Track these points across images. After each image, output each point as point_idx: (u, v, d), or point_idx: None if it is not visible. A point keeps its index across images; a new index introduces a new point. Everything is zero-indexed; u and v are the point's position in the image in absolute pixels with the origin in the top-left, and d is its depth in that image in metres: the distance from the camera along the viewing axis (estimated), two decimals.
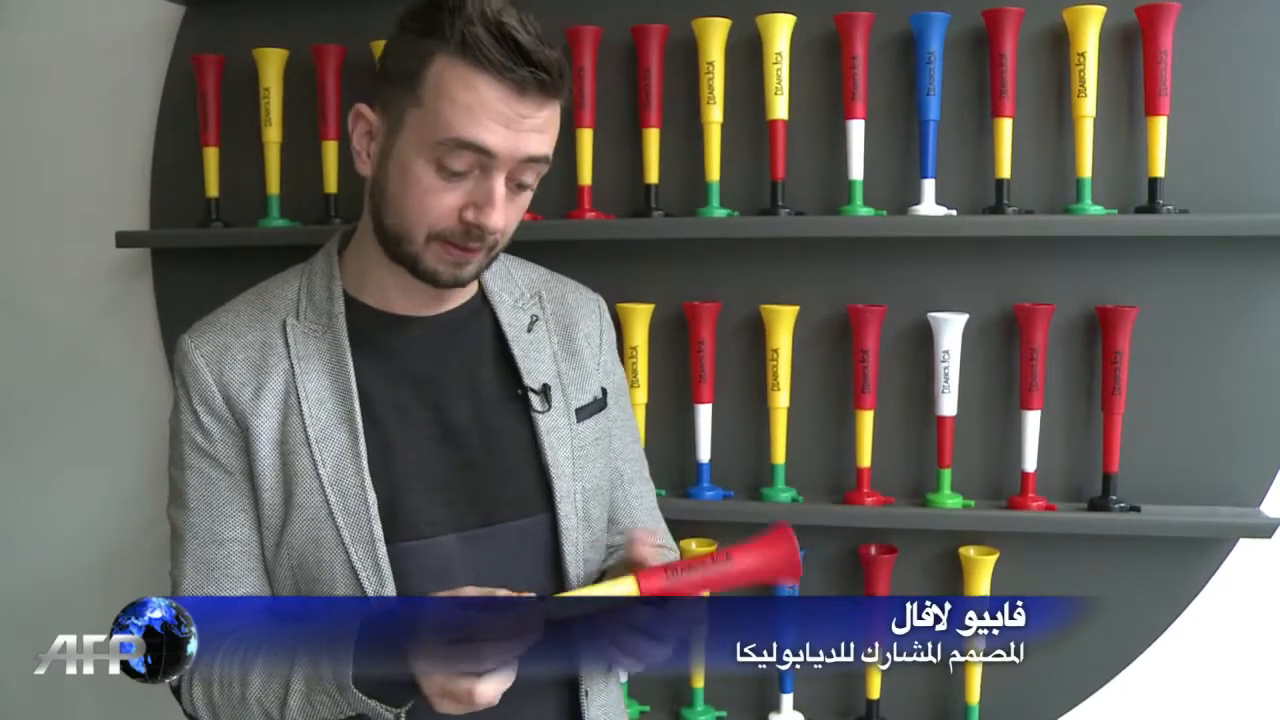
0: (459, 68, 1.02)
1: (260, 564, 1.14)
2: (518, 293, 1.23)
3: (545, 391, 1.17)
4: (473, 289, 1.21)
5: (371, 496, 1.09)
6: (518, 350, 1.18)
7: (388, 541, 1.09)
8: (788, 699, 1.70)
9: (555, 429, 1.17)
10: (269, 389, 1.12)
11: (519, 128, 1.03)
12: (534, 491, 1.15)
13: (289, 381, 1.12)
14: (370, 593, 1.09)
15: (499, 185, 1.04)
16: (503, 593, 0.98)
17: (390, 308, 1.16)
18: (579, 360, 1.22)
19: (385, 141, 1.08)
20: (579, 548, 1.16)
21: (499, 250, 1.13)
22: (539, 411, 1.16)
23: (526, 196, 1.10)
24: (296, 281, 1.18)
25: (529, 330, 1.20)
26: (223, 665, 1.09)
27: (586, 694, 1.19)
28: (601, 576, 1.20)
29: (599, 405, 1.23)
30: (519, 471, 1.16)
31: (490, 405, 1.16)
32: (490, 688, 0.95)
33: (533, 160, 1.05)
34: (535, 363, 1.19)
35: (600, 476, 1.22)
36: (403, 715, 1.01)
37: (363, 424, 1.11)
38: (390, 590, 1.08)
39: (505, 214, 1.06)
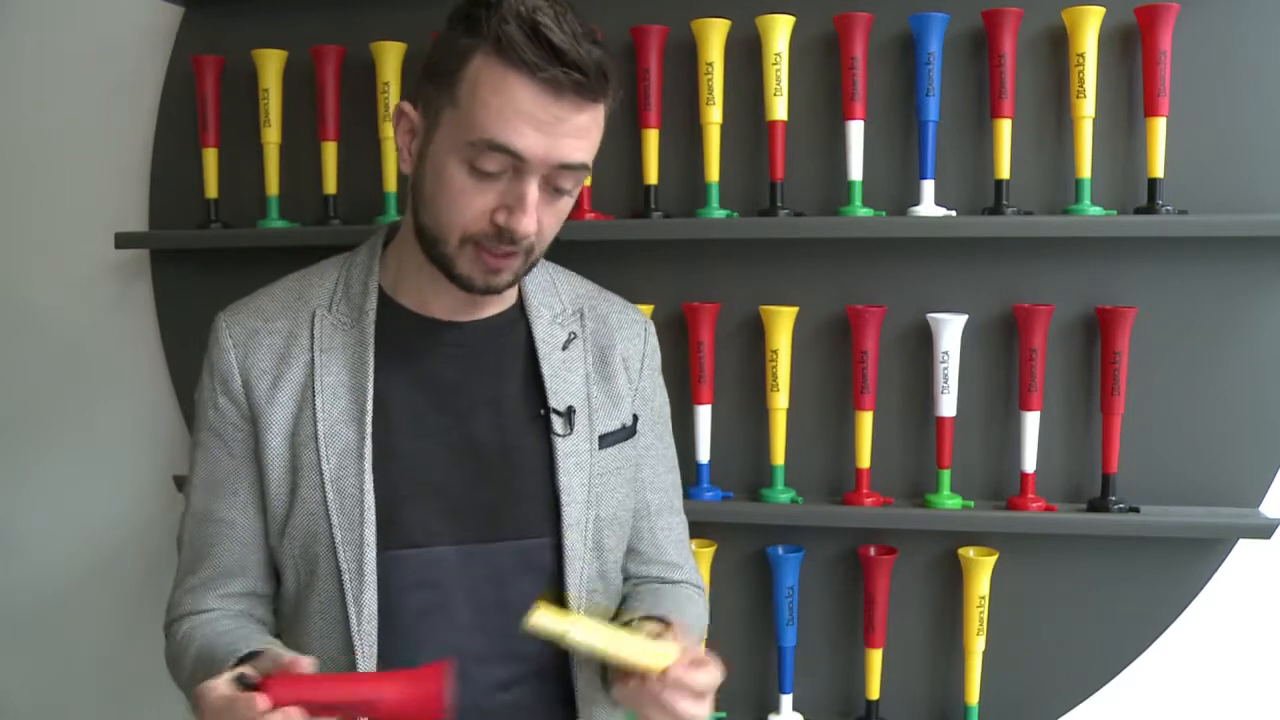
0: (493, 67, 0.99)
1: (245, 548, 1.14)
2: (559, 307, 1.20)
3: (569, 414, 1.15)
4: (512, 297, 1.18)
5: (369, 499, 1.09)
6: (547, 368, 1.15)
7: (383, 547, 1.09)
8: (787, 699, 1.70)
9: (574, 454, 1.14)
10: (287, 379, 1.12)
11: (553, 132, 1.00)
12: (542, 514, 1.13)
13: (309, 373, 1.11)
14: (349, 596, 1.08)
15: (531, 189, 1.02)
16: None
17: (425, 310, 1.14)
18: (612, 385, 1.19)
19: (424, 140, 1.06)
20: (583, 577, 1.14)
21: (537, 257, 1.10)
22: (559, 434, 1.14)
23: (566, 203, 1.07)
24: (337, 272, 1.17)
25: (564, 348, 1.17)
26: (182, 638, 1.13)
27: None
28: (617, 613, 1.18)
29: (627, 433, 1.20)
30: (530, 492, 1.13)
31: (511, 421, 1.14)
32: None
33: (568, 167, 1.02)
34: (564, 383, 1.16)
35: (620, 506, 1.19)
36: None
37: (374, 425, 1.10)
38: (369, 596, 1.08)
39: (538, 218, 1.03)
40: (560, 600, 1.13)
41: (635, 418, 1.22)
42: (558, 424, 1.14)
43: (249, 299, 1.18)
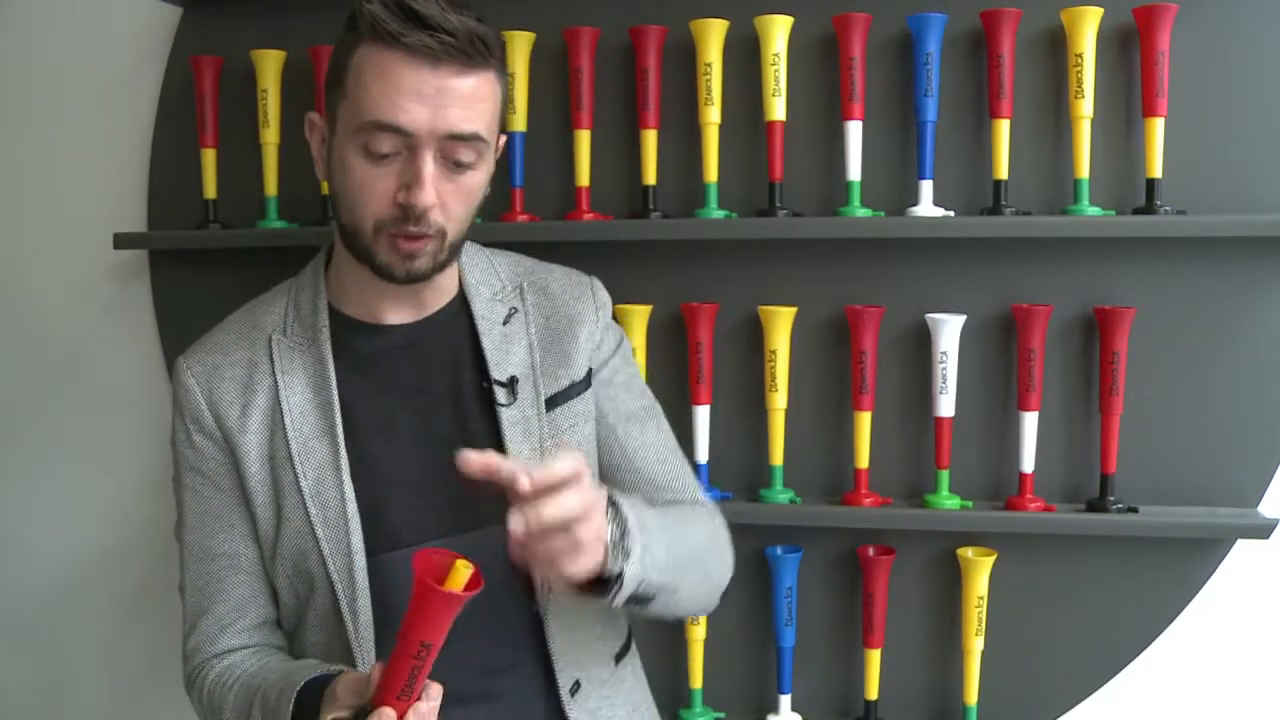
0: (371, 51, 1.02)
1: (251, 578, 1.16)
2: (498, 285, 1.21)
3: (511, 384, 1.16)
4: (453, 289, 1.20)
5: (352, 508, 1.10)
6: (488, 343, 1.17)
7: (372, 552, 1.10)
8: (786, 700, 1.70)
9: (520, 421, 1.15)
10: (255, 406, 1.14)
11: (436, 102, 1.01)
12: (502, 493, 1.15)
13: (274, 397, 1.13)
14: (344, 604, 1.10)
15: (426, 163, 1.03)
16: None
17: (373, 317, 1.16)
18: (560, 347, 1.20)
19: (329, 141, 1.09)
20: None
21: (454, 240, 1.10)
22: (502, 405, 1.15)
23: (472, 179, 1.07)
24: (285, 297, 1.20)
25: (505, 323, 1.19)
26: (212, 686, 1.12)
27: (578, 686, 1.17)
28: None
29: (580, 387, 1.20)
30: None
31: (468, 406, 1.16)
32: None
33: (459, 137, 1.03)
34: (505, 354, 1.17)
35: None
36: None
37: (345, 436, 1.12)
38: (364, 603, 1.09)
39: (439, 194, 1.04)
40: (528, 572, 1.11)
41: (589, 370, 1.22)
42: (500, 394, 1.15)
43: (204, 338, 1.20)
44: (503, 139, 1.14)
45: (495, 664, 1.14)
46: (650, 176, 1.68)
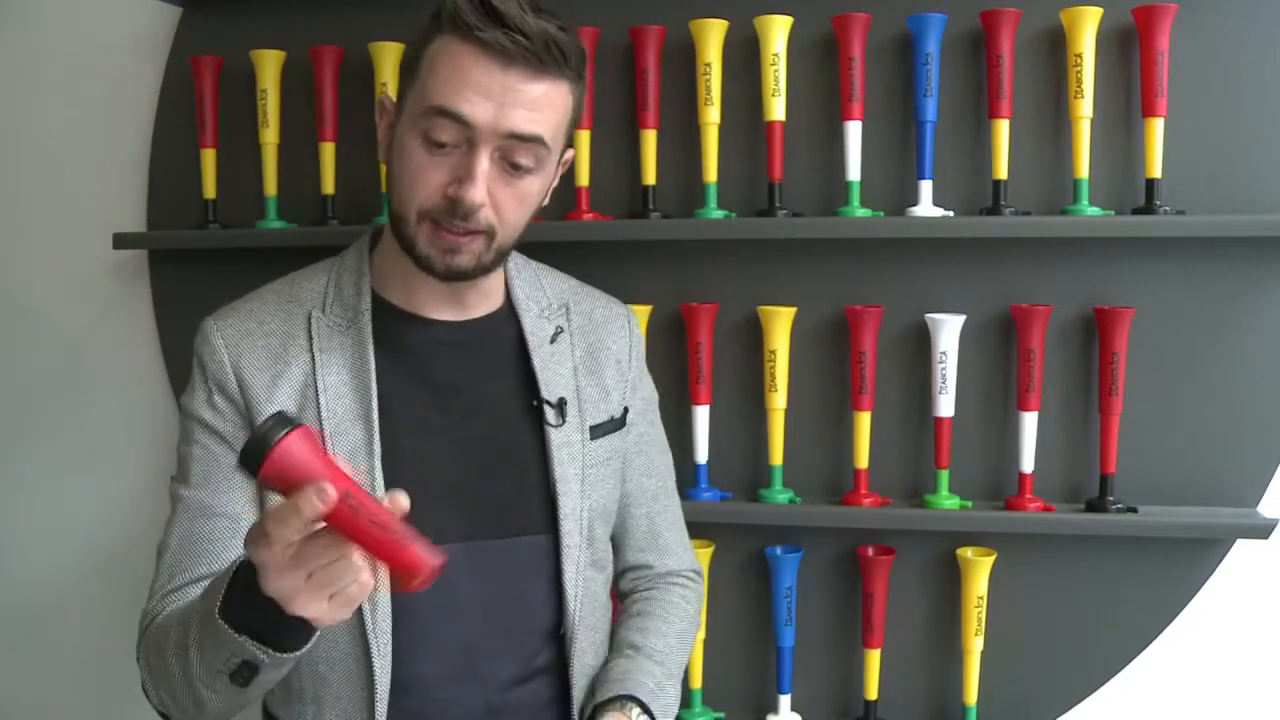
0: (447, 41, 1.03)
1: None
2: (545, 302, 1.22)
3: (560, 405, 1.16)
4: (500, 297, 1.20)
5: (380, 496, 1.09)
6: (538, 361, 1.17)
7: None
8: (785, 700, 1.70)
9: (567, 444, 1.15)
10: (287, 379, 1.11)
11: (503, 101, 1.01)
12: (542, 507, 1.14)
13: (309, 373, 1.12)
14: None
15: (481, 160, 1.03)
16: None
17: (416, 309, 1.15)
18: (600, 378, 1.21)
19: (395, 126, 1.09)
20: (579, 567, 1.15)
21: (503, 243, 1.10)
22: (552, 425, 1.15)
23: (528, 184, 1.07)
24: (326, 275, 1.18)
25: (552, 341, 1.19)
26: (165, 618, 1.06)
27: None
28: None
29: (616, 425, 1.22)
30: (531, 486, 1.14)
31: (509, 417, 1.16)
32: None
33: (519, 137, 1.03)
34: (554, 375, 1.17)
35: (608, 498, 1.20)
36: (276, 657, 0.88)
37: (379, 424, 1.11)
38: (384, 594, 1.08)
39: (493, 195, 1.05)
40: (559, 592, 1.15)
41: (625, 410, 1.23)
42: (550, 415, 1.15)
43: (237, 303, 1.18)
44: (570, 153, 1.14)
45: (517, 678, 1.14)
46: (650, 176, 1.68)
